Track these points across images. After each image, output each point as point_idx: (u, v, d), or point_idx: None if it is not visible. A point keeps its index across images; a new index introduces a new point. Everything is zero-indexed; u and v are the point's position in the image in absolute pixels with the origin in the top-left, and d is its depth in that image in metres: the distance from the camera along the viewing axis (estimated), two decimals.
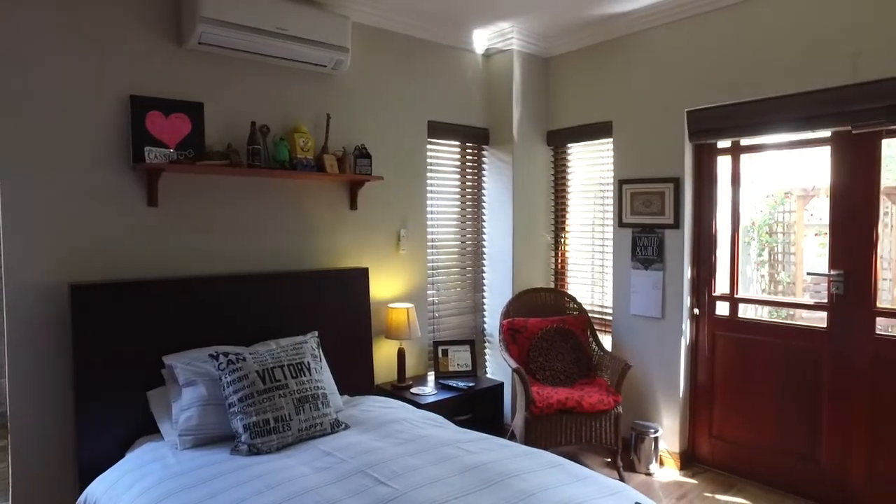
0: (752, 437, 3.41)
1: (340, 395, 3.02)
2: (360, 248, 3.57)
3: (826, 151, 3.10)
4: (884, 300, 5.07)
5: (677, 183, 3.55)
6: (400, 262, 3.76)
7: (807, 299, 5.92)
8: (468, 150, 4.19)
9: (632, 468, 3.57)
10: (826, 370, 3.11)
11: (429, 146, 3.90)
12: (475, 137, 4.14)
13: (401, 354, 3.61)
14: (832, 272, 3.08)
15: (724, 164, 3.54)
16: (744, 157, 3.49)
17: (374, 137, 3.57)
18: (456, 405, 3.50)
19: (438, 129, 3.91)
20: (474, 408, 3.59)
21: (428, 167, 3.91)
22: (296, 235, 3.30)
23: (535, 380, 3.65)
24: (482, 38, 4.02)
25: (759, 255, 6.24)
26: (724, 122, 3.35)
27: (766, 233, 6.23)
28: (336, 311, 3.32)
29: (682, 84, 3.49)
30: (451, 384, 3.63)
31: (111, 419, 2.55)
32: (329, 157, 3.25)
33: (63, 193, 2.59)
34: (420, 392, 3.49)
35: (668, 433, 3.62)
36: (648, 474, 3.52)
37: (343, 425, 2.62)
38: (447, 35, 3.87)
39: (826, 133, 3.07)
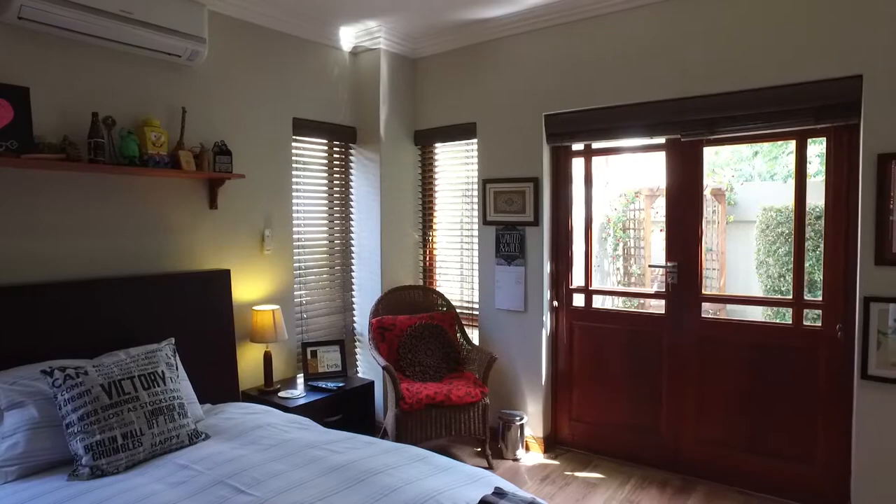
0: (606, 416, 3.71)
1: (202, 403, 2.85)
2: (221, 248, 3.39)
3: (663, 156, 3.46)
4: (712, 287, 5.79)
5: (537, 183, 3.77)
6: (265, 262, 3.63)
7: (651, 288, 6.56)
8: (335, 149, 4.14)
9: (500, 455, 3.74)
10: (665, 351, 3.47)
11: (295, 144, 3.80)
12: (342, 136, 4.10)
13: (267, 358, 3.49)
14: (668, 264, 3.44)
15: (578, 165, 3.81)
16: (596, 160, 3.79)
17: (235, 134, 3.41)
18: (326, 406, 3.44)
19: (304, 127, 3.82)
20: (345, 408, 3.56)
21: (294, 165, 3.80)
22: (149, 237, 3.07)
23: (405, 376, 3.69)
24: (349, 36, 3.98)
25: (615, 249, 6.80)
26: (578, 127, 3.61)
27: (621, 229, 6.81)
28: (196, 315, 3.13)
29: (541, 89, 3.71)
30: (320, 385, 3.57)
31: None
32: (185, 154, 3.05)
33: None
34: (288, 395, 3.40)
35: (532, 419, 3.84)
36: (515, 460, 3.70)
37: (203, 436, 2.48)
38: (313, 31, 3.79)
39: (662, 140, 3.42)
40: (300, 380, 3.73)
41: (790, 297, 3.18)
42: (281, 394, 3.42)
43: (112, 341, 2.69)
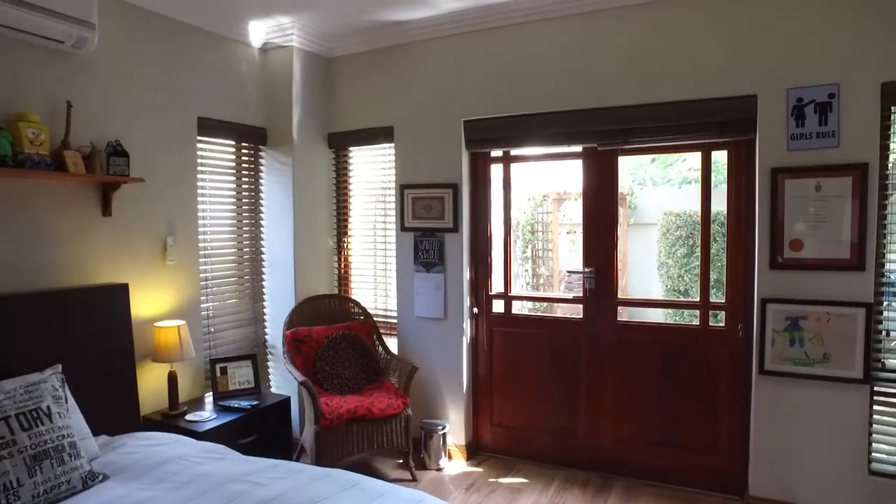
0: (526, 421, 3.76)
1: (96, 435, 2.53)
2: (117, 260, 3.06)
3: (579, 164, 3.55)
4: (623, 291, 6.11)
5: (456, 189, 3.74)
6: (168, 273, 3.33)
7: (559, 291, 6.79)
8: (244, 151, 3.88)
9: (423, 466, 3.67)
10: (583, 354, 3.57)
11: (200, 145, 3.52)
12: (251, 137, 3.85)
13: (172, 378, 3.20)
14: (586, 269, 3.54)
15: (497, 171, 3.83)
16: (513, 166, 3.82)
17: (132, 133, 3.08)
18: (240, 427, 3.21)
19: (210, 127, 3.55)
20: (260, 427, 3.34)
21: (199, 168, 3.52)
22: (29, 249, 2.69)
23: (323, 390, 3.54)
24: (259, 32, 3.74)
25: (524, 252, 6.97)
26: (498, 133, 3.62)
27: (529, 231, 6.98)
28: (88, 336, 2.79)
29: (461, 94, 3.68)
30: (232, 405, 3.32)
31: None
32: (72, 154, 2.71)
33: None
34: (197, 418, 3.13)
35: (454, 427, 3.81)
36: (439, 469, 3.66)
37: (100, 477, 2.19)
38: (220, 23, 3.52)
39: (579, 148, 3.51)
40: (209, 399, 3.46)
41: (697, 299, 3.37)
42: (188, 417, 3.15)
43: None
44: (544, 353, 3.69)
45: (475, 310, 3.87)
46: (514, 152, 3.77)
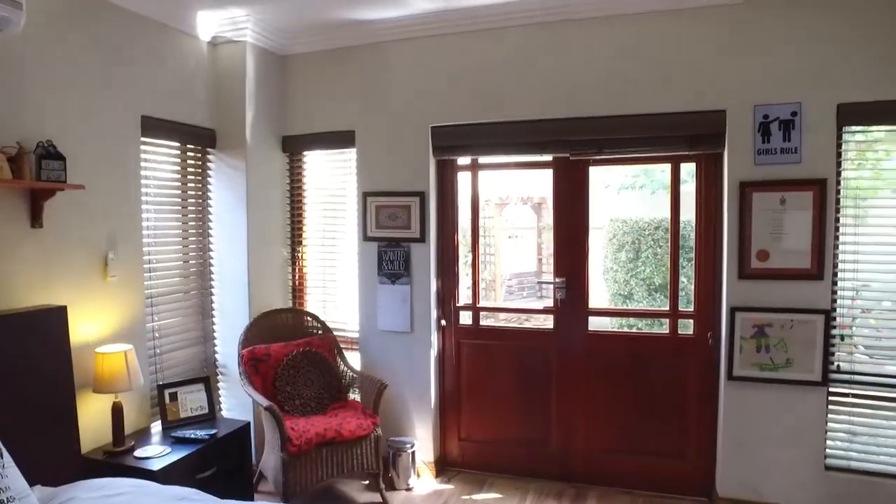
0: (496, 433, 3.70)
1: (32, 486, 2.14)
2: (50, 278, 2.66)
3: (537, 172, 3.52)
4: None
5: (423, 197, 3.61)
6: (109, 291, 2.95)
7: (511, 298, 6.83)
8: (189, 154, 3.53)
9: (392, 486, 3.51)
10: (554, 365, 3.55)
11: (144, 147, 3.16)
12: (199, 139, 3.51)
13: (117, 410, 2.83)
14: (557, 280, 3.53)
15: (464, 179, 3.73)
16: (481, 174, 3.74)
17: (67, 132, 2.70)
18: (197, 460, 2.91)
19: (154, 127, 3.19)
20: (220, 458, 3.04)
21: (143, 172, 3.16)
22: None
23: (285, 412, 3.29)
24: (209, 24, 3.42)
25: (465, 256, 6.92)
26: (468, 140, 3.53)
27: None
28: (18, 369, 2.40)
29: (429, 100, 3.55)
30: (188, 435, 3.00)
31: None
32: None
33: None
34: (148, 454, 2.79)
35: (422, 444, 3.67)
36: (409, 489, 3.51)
37: None
38: (166, 12, 3.17)
39: (549, 157, 3.49)
40: (156, 430, 3.12)
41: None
42: (137, 453, 2.80)
43: None
44: (514, 364, 3.64)
45: (443, 322, 3.76)
46: (482, 160, 3.70)
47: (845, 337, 3.07)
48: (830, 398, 3.05)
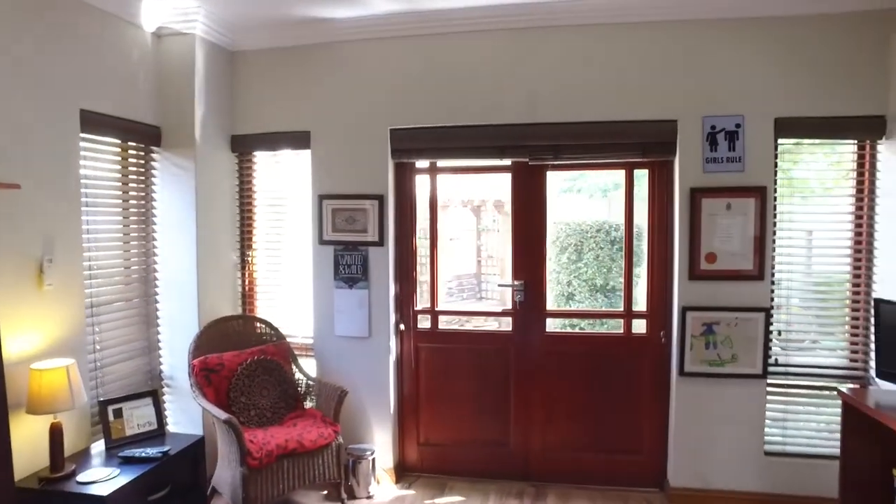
0: (455, 436, 3.70)
1: None
2: None
3: (500, 176, 3.57)
4: (493, 291, 6.31)
5: (382, 200, 3.56)
6: (45, 301, 2.69)
7: (453, 299, 6.82)
8: (132, 153, 3.29)
9: (352, 495, 3.43)
10: (512, 367, 3.60)
11: (83, 143, 2.91)
12: (143, 137, 3.28)
13: (56, 432, 2.58)
14: (515, 283, 3.58)
15: (422, 182, 3.71)
16: (439, 177, 3.73)
17: None
18: (149, 480, 2.72)
19: (95, 123, 2.95)
20: (173, 477, 2.85)
21: (82, 171, 2.91)
22: None
23: (241, 423, 3.13)
24: (154, 13, 3.19)
25: (423, 258, 6.88)
26: (427, 144, 3.50)
27: None
28: None
29: (389, 101, 3.50)
30: (136, 454, 2.79)
31: None
32: None
33: None
34: (91, 478, 2.56)
35: (381, 450, 3.61)
36: (369, 497, 3.44)
37: None
38: None
39: (508, 162, 3.53)
40: (98, 450, 2.89)
41: (621, 308, 3.59)
42: (80, 478, 2.57)
43: None
44: (473, 367, 3.65)
45: (401, 326, 3.71)
46: (440, 164, 3.69)
47: (782, 332, 3.32)
48: (769, 389, 3.28)
